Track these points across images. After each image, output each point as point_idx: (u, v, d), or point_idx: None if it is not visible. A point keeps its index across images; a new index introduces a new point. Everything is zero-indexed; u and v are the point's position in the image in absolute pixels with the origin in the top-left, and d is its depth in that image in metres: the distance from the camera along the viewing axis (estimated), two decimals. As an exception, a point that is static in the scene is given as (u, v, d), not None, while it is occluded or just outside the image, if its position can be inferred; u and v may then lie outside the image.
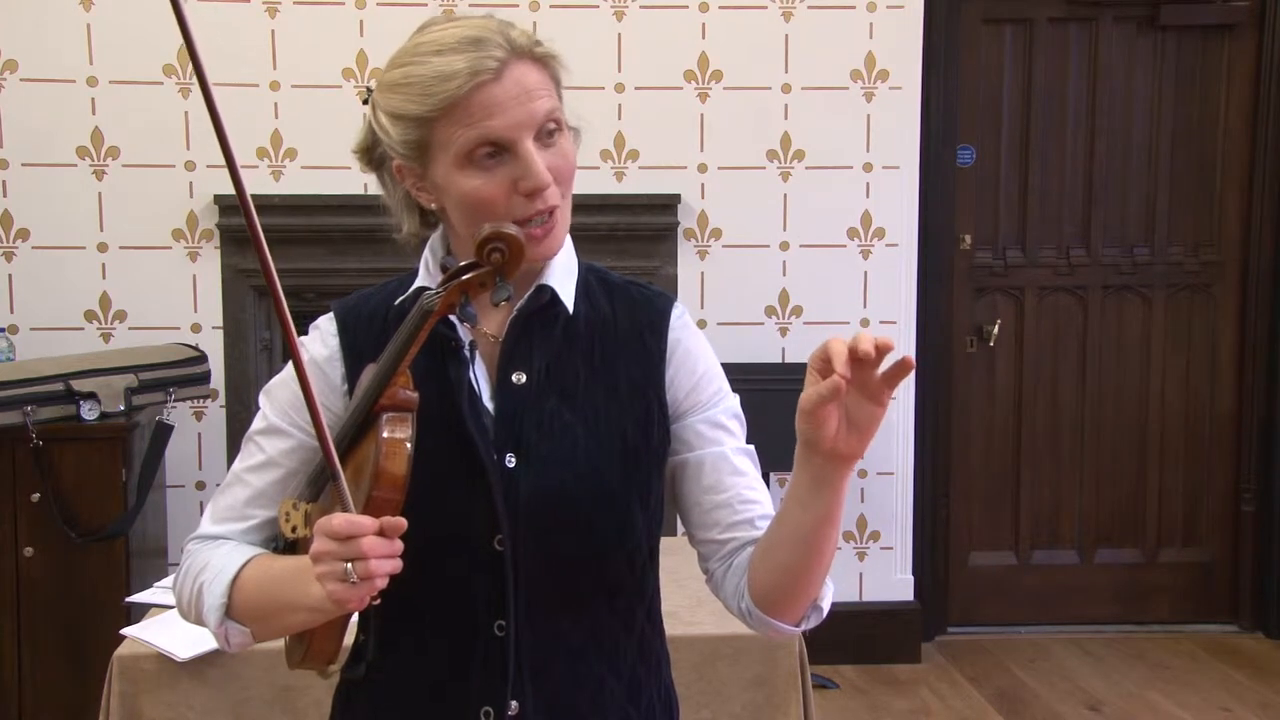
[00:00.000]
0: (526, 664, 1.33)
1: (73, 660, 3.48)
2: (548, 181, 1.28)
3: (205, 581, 1.34)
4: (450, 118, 1.26)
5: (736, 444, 1.41)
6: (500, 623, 1.32)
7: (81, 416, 3.49)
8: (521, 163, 1.27)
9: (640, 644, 1.42)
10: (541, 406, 1.33)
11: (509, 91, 1.26)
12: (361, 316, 1.40)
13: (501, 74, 1.26)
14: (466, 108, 1.25)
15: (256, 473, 1.40)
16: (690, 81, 4.12)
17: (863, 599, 4.36)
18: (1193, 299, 4.62)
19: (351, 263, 3.91)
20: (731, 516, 1.38)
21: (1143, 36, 4.49)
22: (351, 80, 3.97)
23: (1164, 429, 4.65)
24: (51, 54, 3.89)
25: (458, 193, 1.29)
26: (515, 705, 1.33)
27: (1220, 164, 4.56)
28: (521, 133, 1.27)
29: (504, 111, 1.26)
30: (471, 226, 1.29)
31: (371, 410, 1.25)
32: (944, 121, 4.32)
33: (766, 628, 1.36)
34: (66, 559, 3.47)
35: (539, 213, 1.29)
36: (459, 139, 1.26)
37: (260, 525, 1.40)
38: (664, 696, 1.47)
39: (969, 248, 4.50)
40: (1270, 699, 4.06)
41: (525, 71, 1.28)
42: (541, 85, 1.29)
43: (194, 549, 1.40)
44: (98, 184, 3.94)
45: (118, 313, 3.98)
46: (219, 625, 1.33)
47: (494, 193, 1.27)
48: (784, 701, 2.38)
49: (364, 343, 1.37)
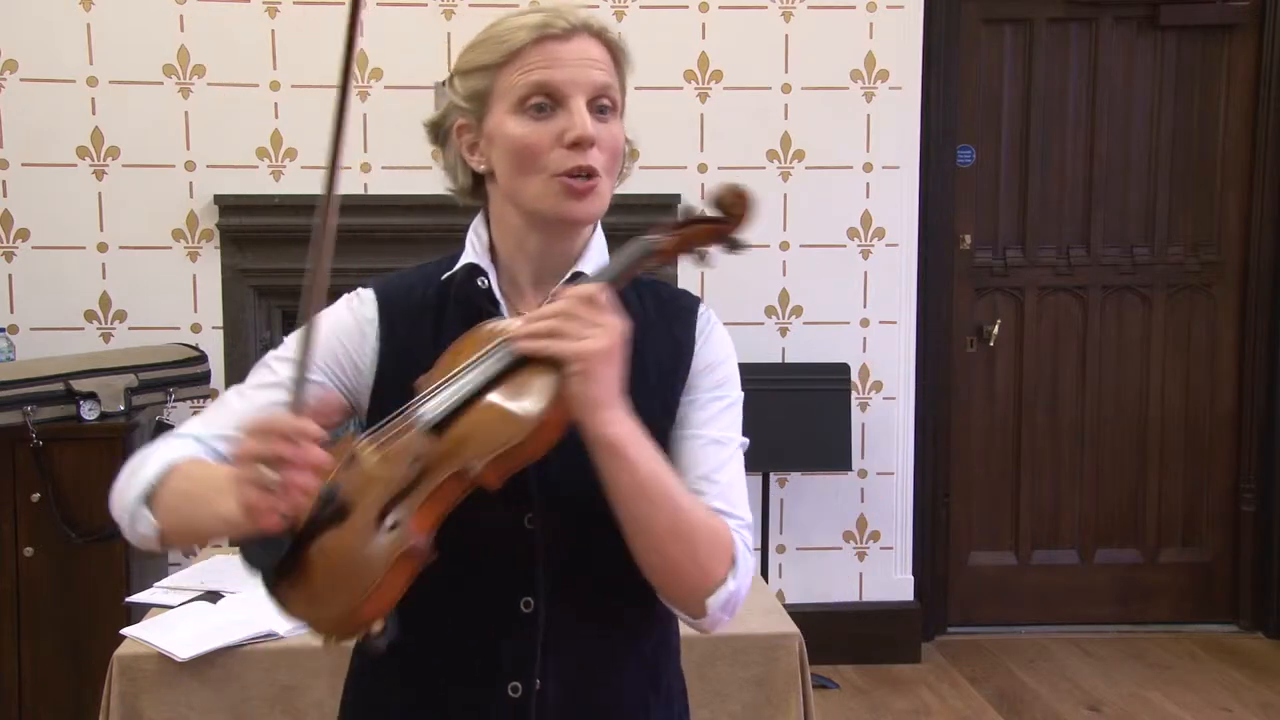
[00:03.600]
0: (552, 642, 1.35)
1: (73, 660, 3.47)
2: (591, 134, 1.31)
3: (143, 461, 1.32)
4: (513, 64, 1.32)
5: (714, 434, 1.39)
6: (528, 599, 1.34)
7: (81, 416, 3.48)
8: (570, 115, 1.31)
9: (661, 629, 1.44)
10: None
11: (572, 52, 1.32)
12: (399, 296, 1.41)
13: (569, 37, 1.33)
14: (530, 56, 1.32)
15: (262, 390, 1.37)
16: (690, 81, 4.12)
17: (863, 599, 4.36)
18: (1193, 299, 4.62)
19: (355, 262, 3.85)
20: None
21: (1143, 36, 4.49)
22: (352, 80, 3.95)
23: (1164, 429, 4.64)
24: (51, 54, 3.89)
25: (505, 139, 1.33)
26: (540, 683, 1.35)
27: (1220, 164, 4.56)
28: (575, 89, 1.32)
29: (562, 66, 1.32)
30: (514, 174, 1.33)
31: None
32: (944, 121, 4.32)
33: (681, 619, 1.37)
34: (66, 559, 3.46)
35: (579, 168, 1.31)
36: (518, 84, 1.32)
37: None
38: (679, 683, 1.50)
39: (969, 248, 4.50)
40: (1270, 699, 4.06)
41: (592, 45, 1.34)
42: (604, 62, 1.35)
43: (157, 441, 1.36)
44: (98, 184, 3.94)
45: (118, 313, 3.98)
46: (137, 505, 1.29)
47: (540, 139, 1.31)
48: (783, 701, 2.37)
49: (400, 320, 1.39)
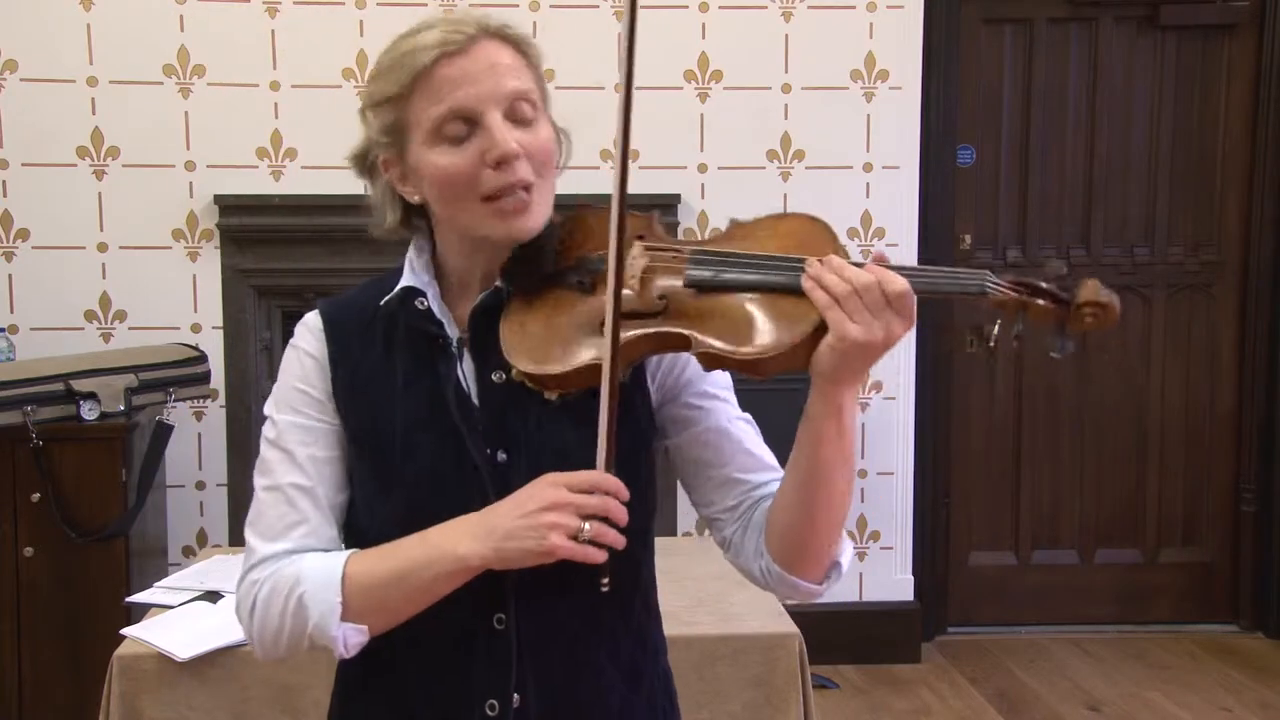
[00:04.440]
0: (528, 656, 1.34)
1: (72, 660, 3.47)
2: (514, 149, 1.27)
3: (305, 592, 1.29)
4: (420, 93, 1.28)
5: (732, 410, 1.42)
6: (500, 615, 1.33)
7: (81, 416, 3.48)
8: (489, 133, 1.27)
9: (638, 632, 1.43)
10: (528, 401, 1.32)
11: (477, 64, 1.28)
12: (348, 316, 1.40)
13: (469, 49, 1.28)
14: (435, 81, 1.27)
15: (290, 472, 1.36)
16: (690, 81, 4.12)
17: (863, 599, 4.35)
18: (1193, 299, 4.61)
19: (352, 263, 3.88)
20: (739, 482, 1.40)
21: (1143, 36, 4.48)
22: (352, 80, 3.96)
23: (1164, 429, 4.64)
24: (51, 54, 3.88)
25: (430, 171, 1.30)
26: (518, 698, 1.34)
27: (1220, 164, 4.55)
28: (487, 105, 1.28)
29: (471, 83, 1.27)
30: (447, 203, 1.30)
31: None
32: (944, 121, 4.31)
33: (788, 588, 1.36)
34: (66, 559, 3.46)
35: (510, 186, 1.28)
36: (429, 114, 1.28)
37: (316, 527, 1.35)
38: (664, 683, 1.48)
39: (969, 248, 4.49)
40: (1270, 699, 4.05)
41: (496, 49, 1.30)
42: (513, 65, 1.30)
43: (263, 574, 1.33)
44: (98, 184, 3.93)
45: (118, 313, 3.97)
46: (336, 629, 1.28)
47: (463, 166, 1.28)
48: (783, 702, 2.37)
49: (350, 341, 1.38)
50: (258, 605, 1.32)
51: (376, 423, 1.34)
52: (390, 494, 1.33)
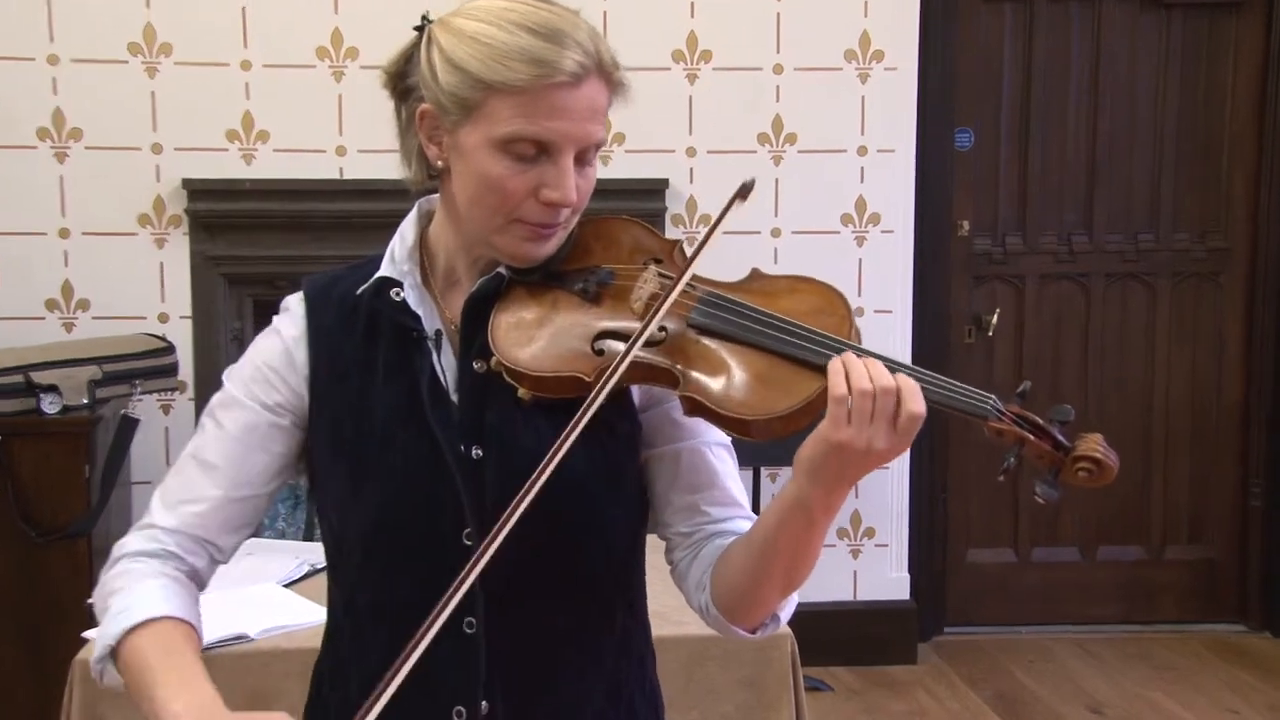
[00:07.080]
0: (498, 662, 1.33)
1: (33, 664, 3.42)
2: (572, 200, 1.28)
3: (108, 610, 1.30)
4: (513, 98, 1.24)
5: (713, 437, 1.40)
6: (470, 619, 1.31)
7: (42, 410, 3.44)
8: (555, 173, 1.27)
9: (621, 640, 1.42)
10: (505, 396, 1.31)
11: (579, 104, 1.26)
12: (331, 298, 1.39)
13: (580, 84, 1.25)
14: (534, 99, 1.24)
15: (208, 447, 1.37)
16: (678, 62, 4.07)
17: (857, 598, 4.32)
18: (1199, 287, 4.60)
19: (330, 249, 3.83)
20: (700, 513, 1.39)
21: (1147, 14, 4.46)
22: (326, 60, 3.90)
23: (1169, 422, 4.62)
24: (10, 30, 3.80)
25: (480, 169, 1.27)
26: (486, 705, 1.33)
27: (1227, 147, 4.54)
28: (569, 145, 1.27)
29: (566, 118, 1.25)
30: (476, 205, 1.29)
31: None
32: (941, 103, 4.29)
33: (721, 628, 1.38)
34: (26, 559, 3.41)
35: (546, 226, 1.29)
36: (511, 123, 1.25)
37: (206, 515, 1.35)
38: (648, 693, 1.47)
39: (967, 234, 4.46)
40: (1278, 701, 4.04)
41: (599, 92, 1.28)
42: (604, 109, 1.31)
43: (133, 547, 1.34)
44: (59, 167, 3.86)
45: (80, 302, 3.91)
46: (100, 662, 1.28)
47: (516, 188, 1.26)
48: (775, 704, 2.36)
49: (332, 324, 1.37)
50: (105, 571, 1.34)
51: (355, 414, 1.34)
52: (364, 487, 1.33)
